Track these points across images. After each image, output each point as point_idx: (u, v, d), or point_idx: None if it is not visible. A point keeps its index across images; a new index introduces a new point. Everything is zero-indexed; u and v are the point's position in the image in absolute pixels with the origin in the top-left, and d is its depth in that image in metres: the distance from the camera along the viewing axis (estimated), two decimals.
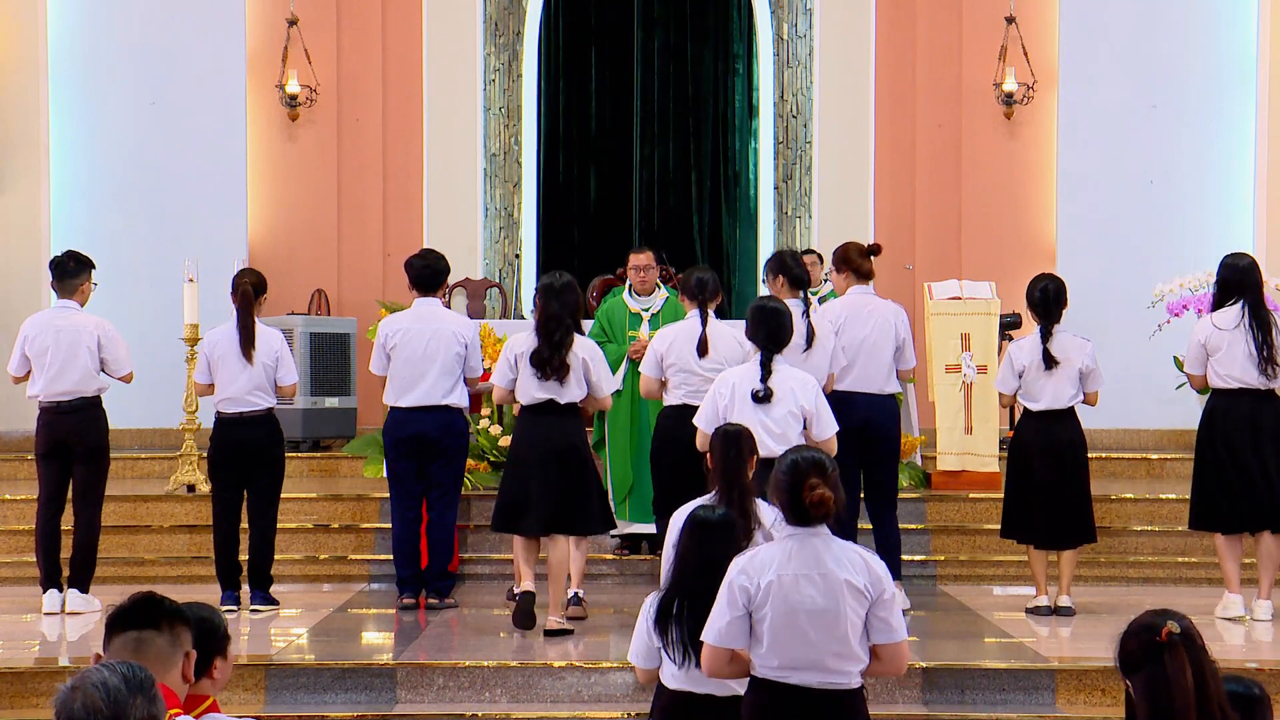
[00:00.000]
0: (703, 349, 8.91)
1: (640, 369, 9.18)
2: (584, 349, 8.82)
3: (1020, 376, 9.29)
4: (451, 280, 13.59)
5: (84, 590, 9.48)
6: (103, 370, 9.53)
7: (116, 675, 3.32)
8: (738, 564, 5.20)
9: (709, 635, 5.15)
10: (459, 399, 9.53)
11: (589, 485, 8.88)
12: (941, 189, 14.55)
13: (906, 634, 5.24)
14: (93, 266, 9.68)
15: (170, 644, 3.87)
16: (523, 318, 14.62)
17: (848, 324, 9.22)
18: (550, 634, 8.69)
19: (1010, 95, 14.10)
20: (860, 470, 9.27)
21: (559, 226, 15.58)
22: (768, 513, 6.34)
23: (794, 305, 9.02)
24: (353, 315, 13.80)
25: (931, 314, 11.58)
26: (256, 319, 9.58)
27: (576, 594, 9.05)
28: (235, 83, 13.86)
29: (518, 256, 15.17)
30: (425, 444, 9.44)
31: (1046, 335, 9.23)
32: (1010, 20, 14.09)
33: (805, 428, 7.92)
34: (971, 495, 11.01)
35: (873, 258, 9.48)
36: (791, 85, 15.09)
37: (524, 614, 8.77)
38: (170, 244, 13.23)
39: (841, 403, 9.13)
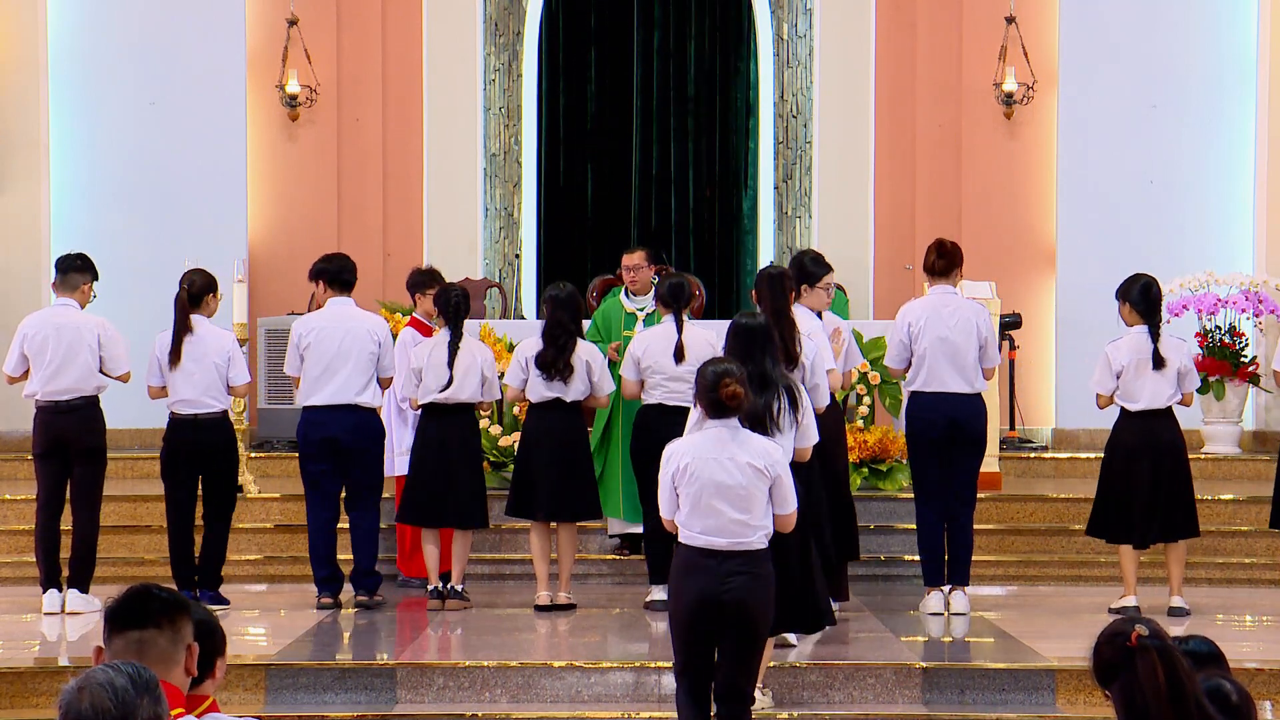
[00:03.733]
0: (679, 355, 9.34)
1: (620, 372, 9.65)
2: (586, 352, 9.54)
3: (1118, 377, 9.26)
4: (451, 280, 13.60)
5: (84, 590, 9.48)
6: (101, 369, 9.53)
7: (123, 676, 3.32)
8: (668, 450, 6.74)
9: (663, 510, 6.77)
10: (372, 399, 9.66)
11: (589, 476, 9.71)
12: (941, 189, 14.54)
13: (796, 505, 6.71)
14: (96, 276, 9.70)
15: (171, 642, 3.86)
16: (522, 317, 14.62)
17: (927, 324, 9.21)
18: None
19: (1010, 95, 14.10)
20: (940, 470, 9.29)
21: (559, 226, 15.58)
22: (809, 345, 8.31)
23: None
24: None
25: None
26: (206, 320, 9.55)
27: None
28: (235, 83, 13.85)
29: (518, 256, 15.17)
30: (338, 447, 9.56)
31: (1155, 335, 9.18)
32: (1010, 20, 14.09)
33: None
34: None
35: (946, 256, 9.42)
36: (791, 85, 15.08)
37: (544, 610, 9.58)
38: (170, 244, 13.21)
39: (923, 403, 9.18)
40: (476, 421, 9.82)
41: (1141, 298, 9.21)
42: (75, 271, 9.56)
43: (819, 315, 9.08)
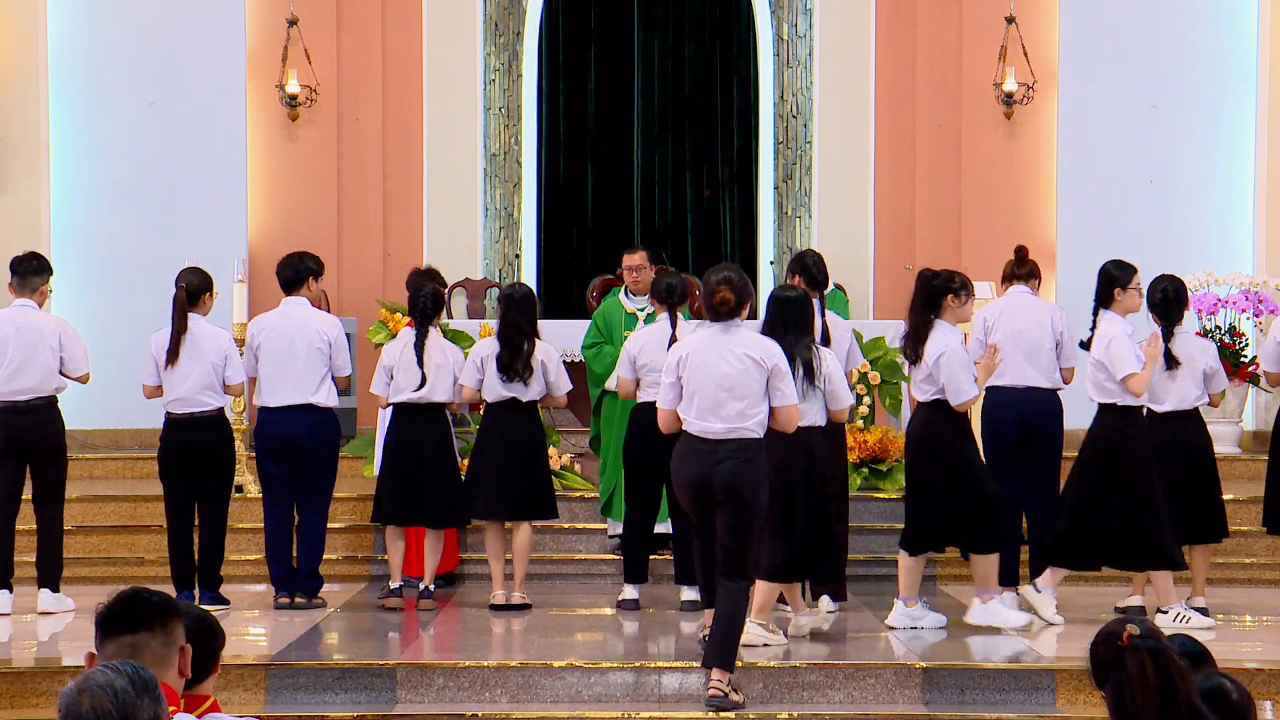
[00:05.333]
0: None
1: (616, 370, 9.66)
2: (542, 352, 9.56)
3: None
4: (451, 280, 13.60)
5: (55, 589, 9.47)
6: (61, 370, 9.50)
7: (123, 677, 3.32)
8: (674, 346, 7.70)
9: (661, 401, 7.56)
10: (327, 398, 9.67)
11: (545, 476, 9.72)
12: (941, 189, 14.54)
13: (797, 400, 7.53)
14: (51, 272, 9.68)
15: (165, 644, 3.86)
16: None
17: (1001, 317, 9.28)
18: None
19: (1010, 95, 14.10)
20: (1015, 467, 9.32)
21: (559, 226, 15.58)
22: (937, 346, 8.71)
23: None
24: (353, 315, 13.80)
25: None
26: (202, 319, 9.57)
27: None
28: (235, 83, 13.85)
29: (518, 256, 15.17)
30: (296, 446, 9.58)
31: (1168, 336, 9.19)
32: (1010, 20, 14.09)
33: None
34: None
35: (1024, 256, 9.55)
36: (791, 85, 15.08)
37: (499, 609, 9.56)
38: (170, 244, 13.21)
39: (998, 399, 9.23)
40: (448, 420, 9.79)
41: (1160, 299, 9.23)
42: (32, 274, 9.52)
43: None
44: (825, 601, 9.26)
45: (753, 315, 9.25)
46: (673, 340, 9.28)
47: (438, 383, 9.56)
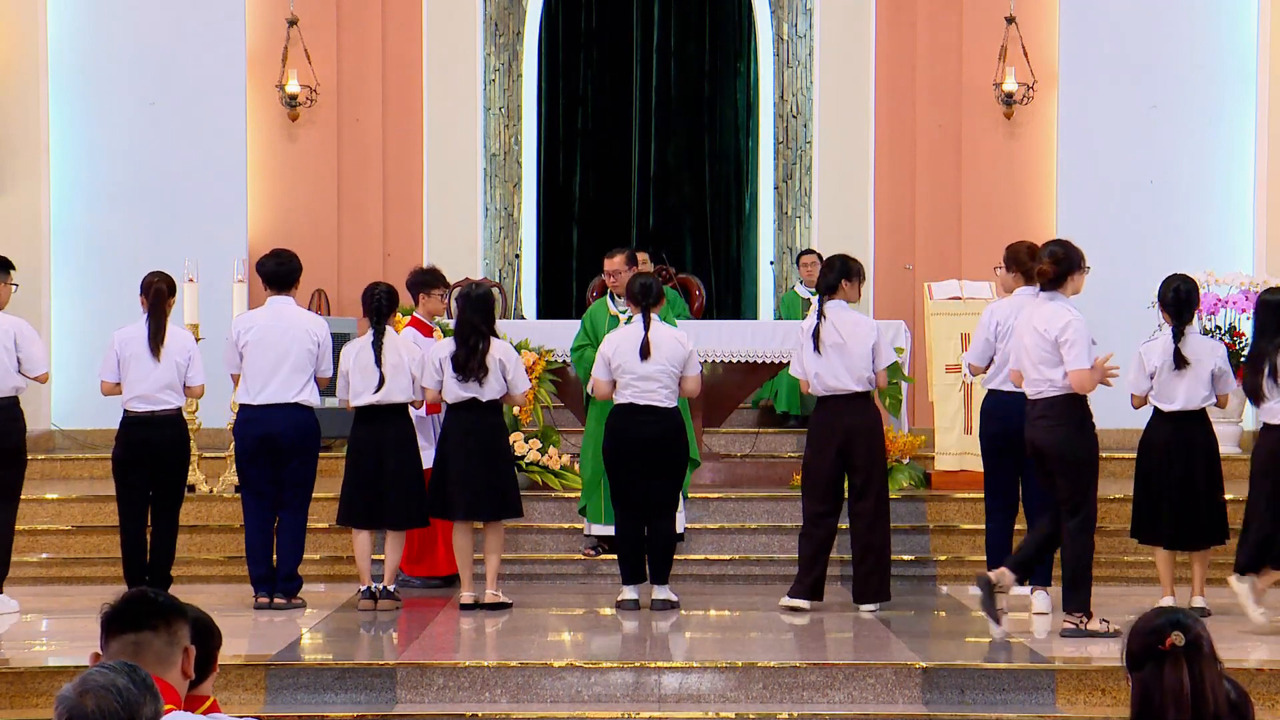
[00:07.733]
0: (645, 352, 9.40)
1: (592, 372, 9.68)
2: (500, 351, 9.48)
3: (1152, 378, 9.24)
4: (451, 280, 13.60)
5: None
6: (19, 370, 9.48)
7: (123, 676, 3.33)
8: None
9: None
10: (310, 397, 9.65)
11: (507, 474, 9.61)
12: (941, 189, 14.54)
13: (1088, 363, 8.40)
14: (12, 268, 9.62)
15: (168, 644, 3.87)
16: (522, 317, 14.63)
17: (1016, 325, 9.18)
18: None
19: (1010, 95, 14.10)
20: (1015, 472, 9.36)
21: (559, 226, 15.59)
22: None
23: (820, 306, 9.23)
24: (353, 315, 13.80)
25: (931, 314, 11.58)
26: (168, 319, 9.58)
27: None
28: (235, 83, 13.86)
29: (518, 256, 15.17)
30: (277, 445, 9.56)
31: (1178, 336, 9.18)
32: (1010, 20, 14.09)
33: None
34: (971, 495, 11.00)
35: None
36: (791, 85, 15.09)
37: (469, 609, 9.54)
38: (170, 244, 13.21)
39: (1002, 403, 9.23)
40: (410, 421, 9.72)
41: (1171, 299, 9.20)
42: None
43: None
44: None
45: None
46: (645, 342, 9.35)
47: (395, 383, 9.51)
